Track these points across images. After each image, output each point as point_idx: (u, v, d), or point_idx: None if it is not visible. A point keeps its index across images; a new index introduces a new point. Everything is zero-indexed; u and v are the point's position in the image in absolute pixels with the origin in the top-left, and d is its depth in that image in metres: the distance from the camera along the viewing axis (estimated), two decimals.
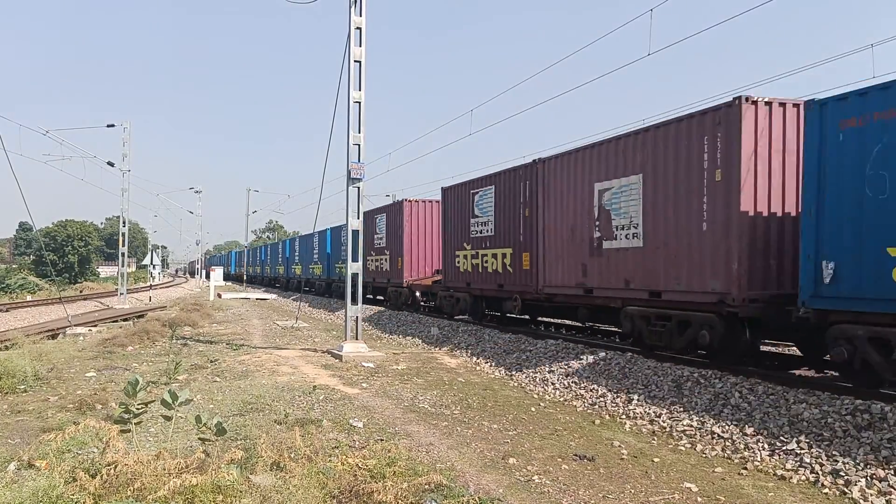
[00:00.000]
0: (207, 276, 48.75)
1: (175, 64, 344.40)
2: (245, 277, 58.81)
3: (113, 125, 29.60)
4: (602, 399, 8.99)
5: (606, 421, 8.07)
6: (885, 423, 6.30)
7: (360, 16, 13.28)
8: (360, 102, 13.35)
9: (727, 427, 7.19)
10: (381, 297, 24.89)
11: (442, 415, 8.14)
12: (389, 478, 4.98)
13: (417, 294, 21.50)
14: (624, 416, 8.18)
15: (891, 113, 6.75)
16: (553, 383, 10.15)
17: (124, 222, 31.99)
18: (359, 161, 13.37)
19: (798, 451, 6.26)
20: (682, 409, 8.03)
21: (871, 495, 5.26)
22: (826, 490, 5.49)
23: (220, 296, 36.96)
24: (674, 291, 9.90)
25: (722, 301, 8.90)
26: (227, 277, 56.42)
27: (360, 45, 13.33)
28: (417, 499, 4.63)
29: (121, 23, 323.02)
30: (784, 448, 6.40)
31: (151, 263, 39.18)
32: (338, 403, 8.53)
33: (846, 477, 5.60)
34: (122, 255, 32.30)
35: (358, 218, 13.65)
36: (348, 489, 4.67)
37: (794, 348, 9.99)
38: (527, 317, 16.36)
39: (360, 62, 13.33)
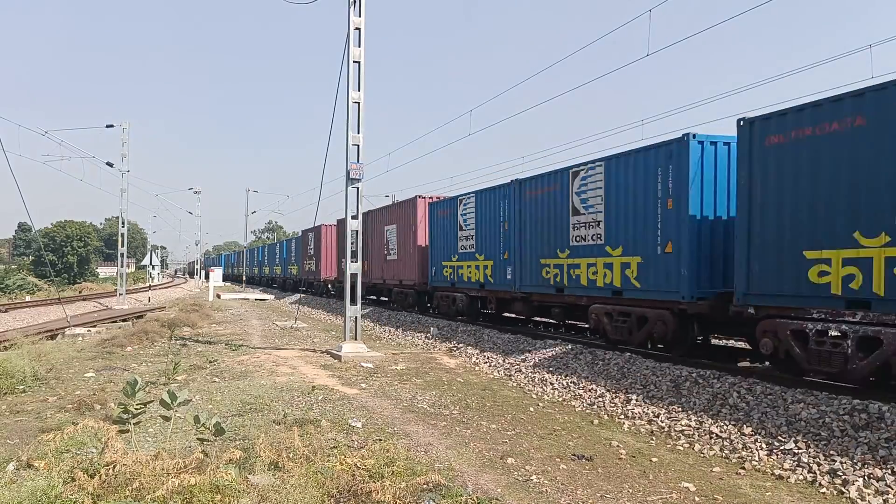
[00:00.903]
0: (206, 277, 48.88)
1: (175, 64, 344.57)
2: (244, 277, 59.72)
3: (112, 125, 29.60)
4: (601, 399, 9.00)
5: (605, 421, 8.08)
6: (882, 423, 6.32)
7: (360, 16, 13.29)
8: (359, 103, 13.36)
9: (725, 427, 7.21)
10: (305, 289, 38.20)
11: (441, 415, 8.15)
12: (388, 477, 4.99)
13: (329, 286, 33.04)
14: (622, 416, 8.19)
15: (441, 213, 18.60)
16: (552, 383, 10.16)
17: (123, 223, 31.99)
18: (358, 161, 13.38)
19: (796, 451, 6.28)
20: (680, 409, 8.04)
21: (869, 495, 5.27)
22: (823, 490, 5.50)
23: (219, 296, 36.98)
24: (406, 280, 21.54)
25: (416, 285, 20.77)
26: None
27: (360, 46, 13.33)
28: (416, 498, 4.64)
29: (120, 23, 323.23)
30: (782, 448, 6.42)
31: (150, 264, 39.22)
32: (336, 403, 8.53)
33: (843, 476, 5.61)
34: (122, 255, 32.31)
35: (357, 218, 13.67)
36: (347, 489, 4.68)
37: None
38: (385, 298, 26.28)
39: (359, 63, 13.33)
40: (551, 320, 15.21)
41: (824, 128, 7.70)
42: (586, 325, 13.20)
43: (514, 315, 16.31)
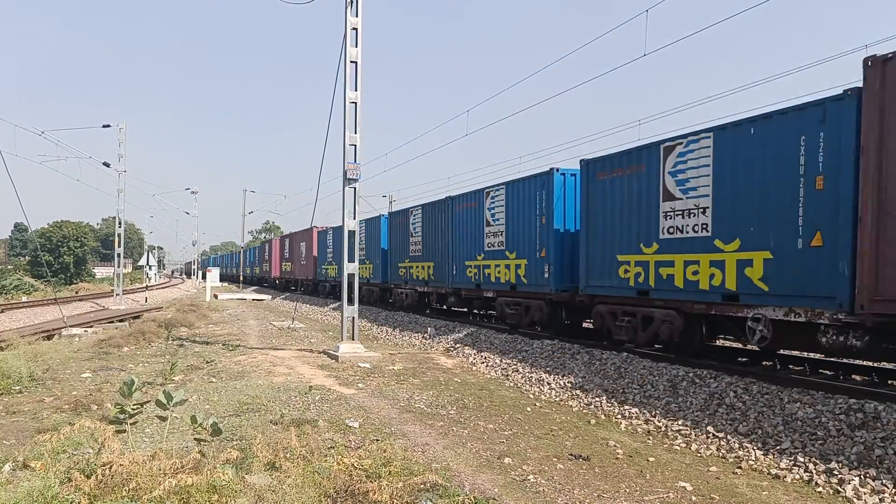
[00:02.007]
0: (204, 277, 48.88)
1: (173, 64, 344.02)
2: (241, 277, 60.42)
3: (108, 125, 29.52)
4: (598, 399, 9.01)
5: (602, 421, 8.09)
6: (878, 423, 6.34)
7: (357, 17, 13.29)
8: (356, 103, 13.35)
9: (722, 426, 7.22)
10: (266, 285, 51.91)
11: (438, 415, 8.16)
12: (385, 477, 4.99)
13: (276, 280, 46.34)
14: (619, 416, 8.20)
15: (326, 237, 32.34)
16: (549, 383, 10.17)
17: (120, 223, 31.95)
18: (355, 161, 13.37)
19: (792, 451, 6.30)
20: (677, 408, 8.06)
21: (865, 494, 5.28)
22: (820, 489, 5.52)
23: (216, 296, 36.93)
24: (308, 277, 35.58)
25: (310, 280, 35.45)
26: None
27: (357, 46, 13.33)
28: (413, 498, 4.64)
29: (119, 22, 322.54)
30: (778, 447, 6.43)
31: (147, 264, 39.13)
32: (334, 404, 8.53)
33: (840, 476, 5.63)
34: (118, 255, 32.26)
35: (354, 218, 13.66)
36: (344, 489, 4.68)
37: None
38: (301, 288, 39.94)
39: (356, 63, 13.33)
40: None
41: None
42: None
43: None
